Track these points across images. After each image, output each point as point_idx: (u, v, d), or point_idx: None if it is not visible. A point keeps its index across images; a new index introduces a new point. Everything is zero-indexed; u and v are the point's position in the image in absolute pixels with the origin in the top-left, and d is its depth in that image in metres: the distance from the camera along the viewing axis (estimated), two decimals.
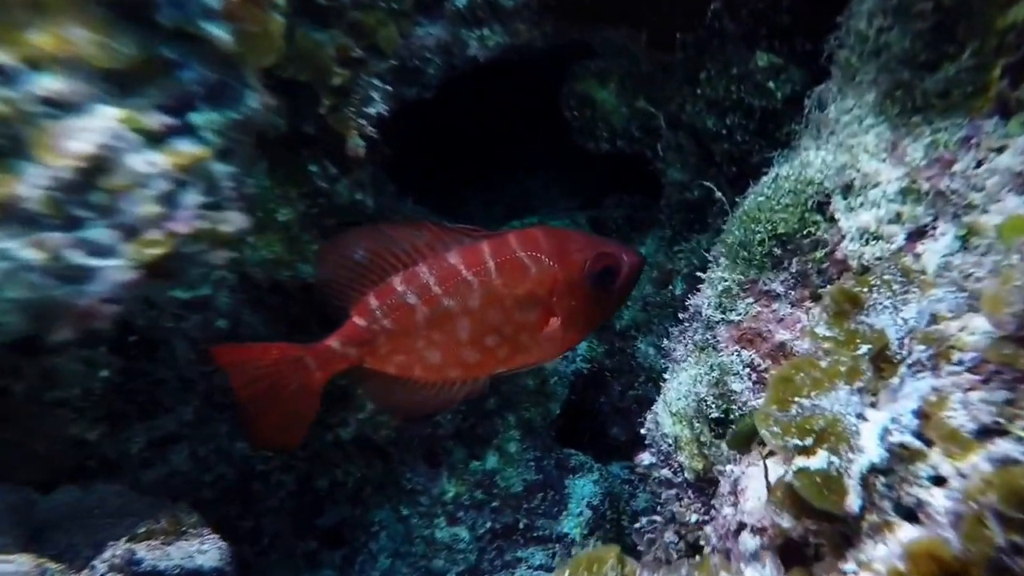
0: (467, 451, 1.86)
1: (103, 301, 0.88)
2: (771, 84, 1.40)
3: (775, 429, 0.73)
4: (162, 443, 1.91)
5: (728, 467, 1.00)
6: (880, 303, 0.83)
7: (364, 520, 2.06)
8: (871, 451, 0.68)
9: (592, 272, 1.38)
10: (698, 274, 1.67)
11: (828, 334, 0.81)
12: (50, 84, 0.83)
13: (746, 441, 1.03)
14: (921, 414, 0.67)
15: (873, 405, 0.75)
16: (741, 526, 0.88)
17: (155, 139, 0.88)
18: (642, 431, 1.30)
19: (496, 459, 1.84)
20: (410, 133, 1.68)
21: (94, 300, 0.87)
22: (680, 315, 1.30)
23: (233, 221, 0.96)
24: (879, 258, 0.93)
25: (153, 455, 1.82)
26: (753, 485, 0.91)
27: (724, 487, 0.97)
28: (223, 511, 2.04)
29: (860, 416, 0.72)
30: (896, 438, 0.67)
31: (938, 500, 0.62)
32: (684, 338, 1.25)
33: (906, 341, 0.78)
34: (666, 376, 1.29)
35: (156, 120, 0.88)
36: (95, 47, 0.83)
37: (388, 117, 1.45)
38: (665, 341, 1.32)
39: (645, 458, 1.27)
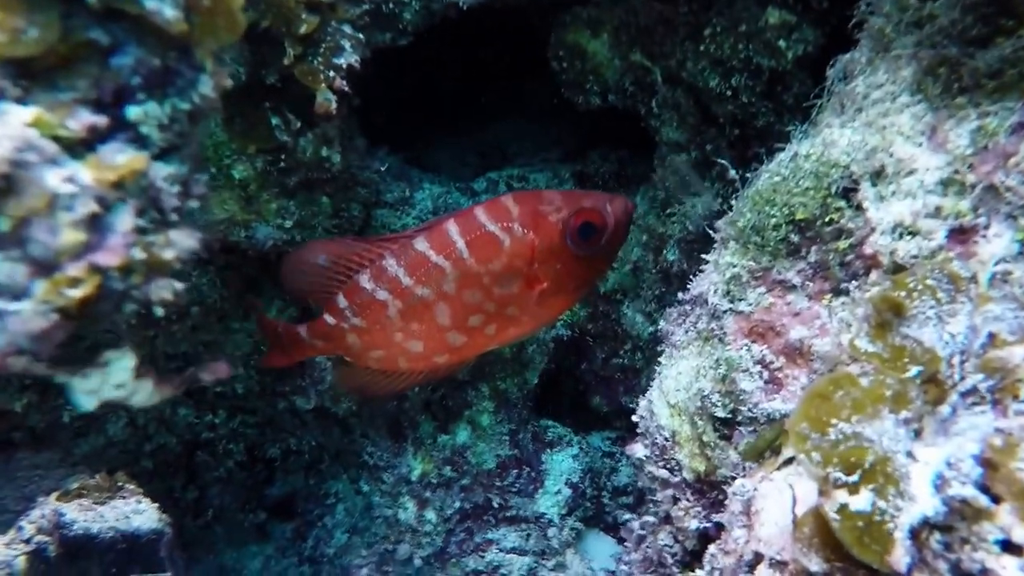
0: (436, 424, 1.79)
1: (11, 352, 0.71)
2: (782, 43, 1.31)
3: (815, 456, 0.67)
4: (97, 412, 1.85)
5: (738, 481, 0.94)
6: (923, 313, 0.77)
7: (318, 491, 2.03)
8: (924, 501, 0.62)
9: (573, 232, 1.32)
10: (690, 241, 1.64)
11: (871, 349, 0.74)
12: None
13: (762, 453, 0.98)
14: (985, 462, 0.61)
15: (918, 434, 0.70)
16: (757, 557, 0.83)
17: (78, 146, 0.72)
18: (633, 418, 1.24)
19: (467, 433, 1.78)
20: (380, 75, 1.57)
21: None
22: (680, 295, 1.23)
23: (178, 243, 0.79)
24: (915, 256, 0.86)
25: (87, 425, 1.75)
26: (770, 508, 0.85)
27: (735, 505, 0.92)
28: (165, 483, 1.99)
29: (910, 454, 0.66)
30: (956, 490, 0.61)
31: (1010, 571, 0.56)
32: (684, 323, 1.18)
33: (955, 361, 0.72)
34: (661, 360, 1.23)
35: (79, 121, 0.71)
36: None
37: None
38: (662, 323, 1.25)
39: (637, 450, 1.22)
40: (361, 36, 1.29)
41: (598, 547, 1.97)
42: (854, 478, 0.65)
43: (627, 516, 1.99)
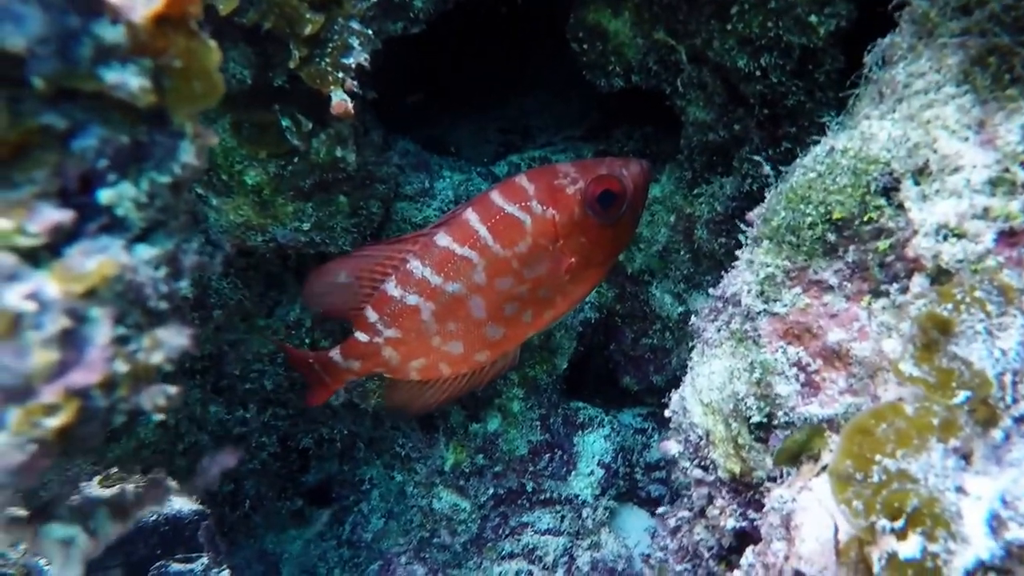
0: (466, 413, 1.78)
1: None
2: (813, 18, 1.25)
3: (858, 505, 0.64)
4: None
5: (776, 492, 0.91)
6: (972, 327, 0.73)
7: (353, 478, 2.03)
8: (979, 543, 0.59)
9: (592, 201, 1.29)
10: (720, 222, 1.60)
11: (916, 373, 0.71)
12: None
13: (795, 456, 0.95)
14: None
15: (967, 459, 0.67)
16: (798, 575, 0.80)
17: (42, 251, 0.64)
18: (666, 413, 1.22)
19: (498, 421, 1.77)
20: (395, 55, 1.52)
21: None
22: (711, 290, 1.19)
23: (166, 343, 0.71)
24: (961, 260, 0.82)
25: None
26: (809, 523, 0.83)
27: (773, 518, 0.89)
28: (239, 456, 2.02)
29: (960, 489, 0.63)
30: (1013, 533, 0.58)
31: None
32: (717, 320, 1.15)
33: (1007, 381, 0.68)
34: (693, 356, 1.20)
35: (40, 223, 0.63)
36: None
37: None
38: (693, 318, 1.22)
39: (671, 447, 1.19)
40: (370, 32, 1.23)
41: (632, 521, 1.97)
42: (900, 524, 0.62)
43: (661, 491, 1.99)
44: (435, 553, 1.82)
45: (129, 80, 0.63)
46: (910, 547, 0.61)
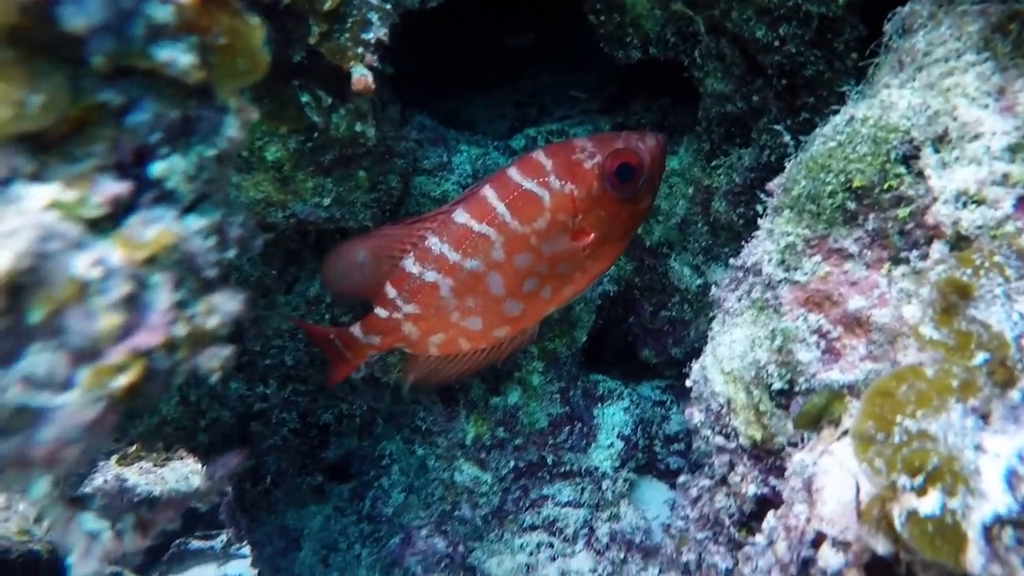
0: (486, 387, 1.81)
1: (61, 447, 0.68)
2: None
3: (879, 464, 0.67)
4: None
5: (797, 456, 0.94)
6: (991, 292, 0.75)
7: (373, 453, 2.06)
8: (996, 498, 0.62)
9: (610, 175, 1.31)
10: (738, 194, 1.61)
11: (936, 336, 0.73)
12: None
13: (815, 420, 0.98)
14: None
15: (985, 419, 0.69)
16: (820, 536, 0.83)
17: (104, 222, 0.68)
18: (687, 383, 1.25)
19: (518, 394, 1.80)
20: (410, 31, 1.54)
21: (50, 447, 0.68)
22: (731, 260, 1.22)
23: (222, 308, 0.76)
24: (980, 227, 0.84)
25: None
26: (831, 485, 0.85)
27: (795, 481, 0.92)
28: (223, 454, 2.05)
29: (978, 447, 0.66)
30: None
31: None
32: (737, 290, 1.17)
33: None
34: (714, 327, 1.23)
35: (101, 194, 0.67)
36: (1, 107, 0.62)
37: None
38: (713, 288, 1.24)
39: (694, 415, 1.22)
40: (388, 6, 1.25)
41: (652, 494, 2.00)
42: (920, 481, 0.65)
43: (680, 464, 2.03)
44: (456, 526, 1.86)
45: (179, 57, 0.66)
46: (930, 503, 0.64)
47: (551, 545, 1.85)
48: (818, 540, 0.84)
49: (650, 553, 1.81)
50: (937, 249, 0.88)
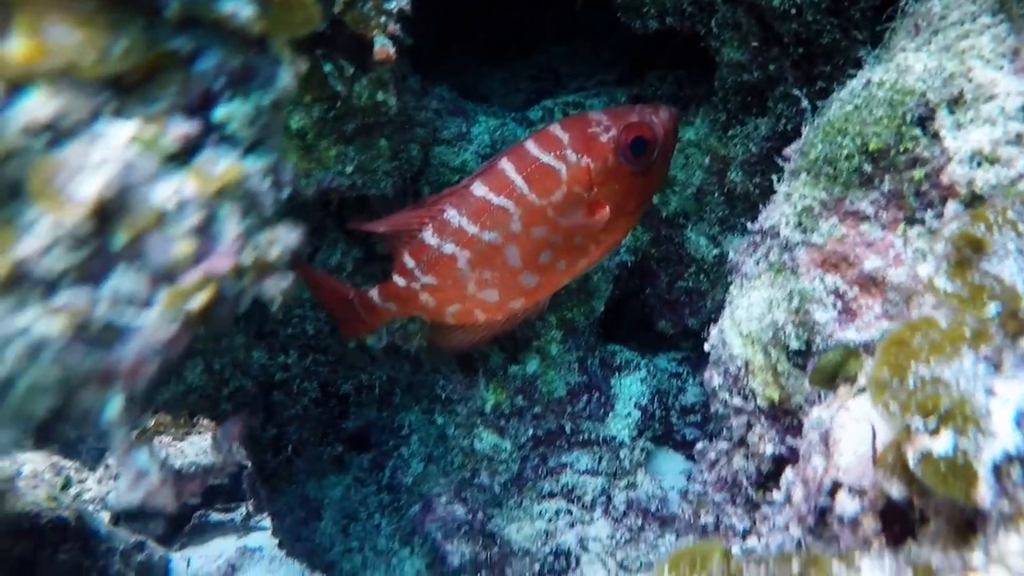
0: (505, 356, 1.85)
1: (142, 362, 0.76)
2: None
3: (894, 407, 0.70)
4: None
5: (815, 411, 0.98)
6: (1004, 247, 0.78)
7: (392, 423, 2.11)
8: (1005, 437, 0.65)
9: (624, 149, 1.34)
10: (754, 163, 1.64)
11: (950, 288, 0.76)
12: (39, 107, 0.68)
13: (831, 377, 1.01)
14: None
15: (996, 366, 0.73)
16: (836, 485, 0.87)
17: (177, 157, 0.75)
18: (705, 347, 1.28)
19: (537, 363, 1.84)
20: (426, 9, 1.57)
21: (131, 363, 0.75)
22: (748, 224, 1.25)
23: (282, 240, 0.83)
24: (994, 186, 0.87)
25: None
26: (847, 438, 0.89)
27: (812, 435, 0.96)
28: (247, 423, 2.10)
29: (989, 391, 0.69)
30: None
31: None
32: (755, 253, 1.21)
33: None
34: (732, 291, 1.26)
35: (174, 132, 0.74)
36: (87, 51, 0.68)
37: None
38: (731, 253, 1.27)
39: (713, 378, 1.26)
40: None
41: (668, 464, 2.04)
42: (933, 423, 0.69)
43: (696, 435, 2.06)
44: (475, 493, 1.91)
45: (242, 9, 0.72)
46: (942, 443, 0.67)
47: (569, 512, 1.89)
48: (834, 489, 0.88)
49: (667, 521, 1.86)
50: (952, 208, 0.91)
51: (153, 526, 3.13)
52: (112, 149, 0.70)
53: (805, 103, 1.11)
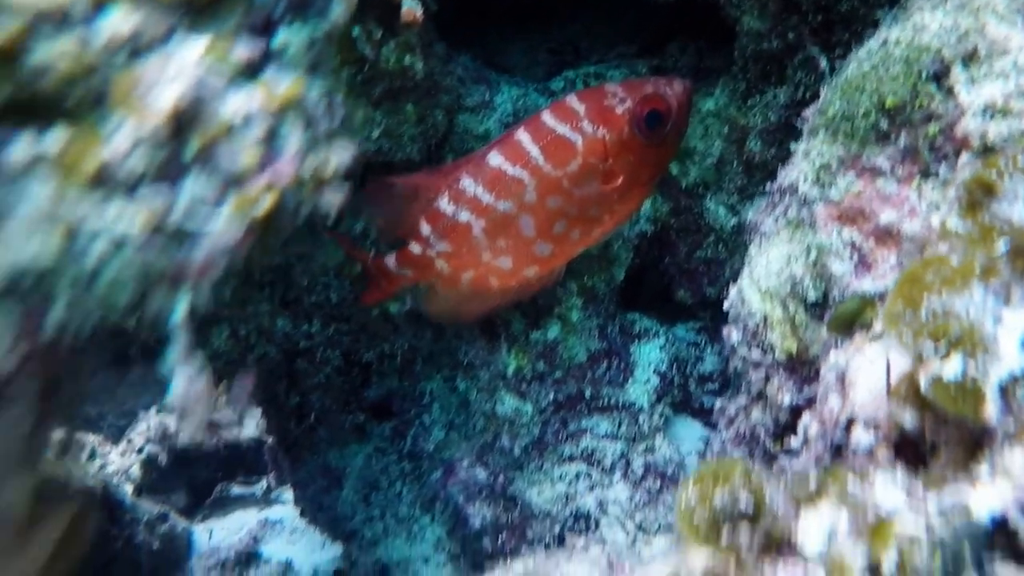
0: (527, 322, 1.90)
1: (210, 263, 0.84)
2: None
3: (907, 336, 0.75)
4: (201, 325, 2.02)
5: (831, 355, 1.03)
6: (1013, 191, 0.83)
7: (413, 392, 2.16)
8: (1011, 359, 0.70)
9: (639, 121, 1.38)
10: (773, 132, 1.68)
11: (961, 228, 0.81)
12: (121, 24, 0.76)
13: (848, 324, 1.06)
14: None
15: (1005, 299, 0.77)
16: (851, 421, 0.92)
17: (245, 73, 0.83)
18: (724, 306, 1.33)
19: (558, 329, 1.89)
20: None
21: (200, 264, 0.83)
22: (768, 185, 1.29)
23: (338, 155, 0.91)
24: (1006, 138, 0.92)
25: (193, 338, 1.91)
26: (863, 378, 0.94)
27: (828, 377, 1.01)
28: (269, 390, 2.15)
29: (997, 320, 0.74)
30: None
31: None
32: (774, 212, 1.26)
33: None
34: (751, 250, 1.31)
35: (242, 50, 0.82)
36: None
37: None
38: (750, 214, 1.32)
39: (732, 335, 1.31)
40: None
41: (686, 431, 2.09)
42: (944, 348, 0.74)
43: (714, 403, 2.11)
44: (496, 457, 1.96)
45: None
46: (952, 367, 0.72)
47: (589, 476, 1.95)
48: (849, 425, 0.93)
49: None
50: (965, 159, 0.96)
51: (175, 499, 3.20)
52: (186, 64, 0.78)
53: (824, 64, 1.16)
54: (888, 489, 0.71)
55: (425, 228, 1.48)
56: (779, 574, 0.66)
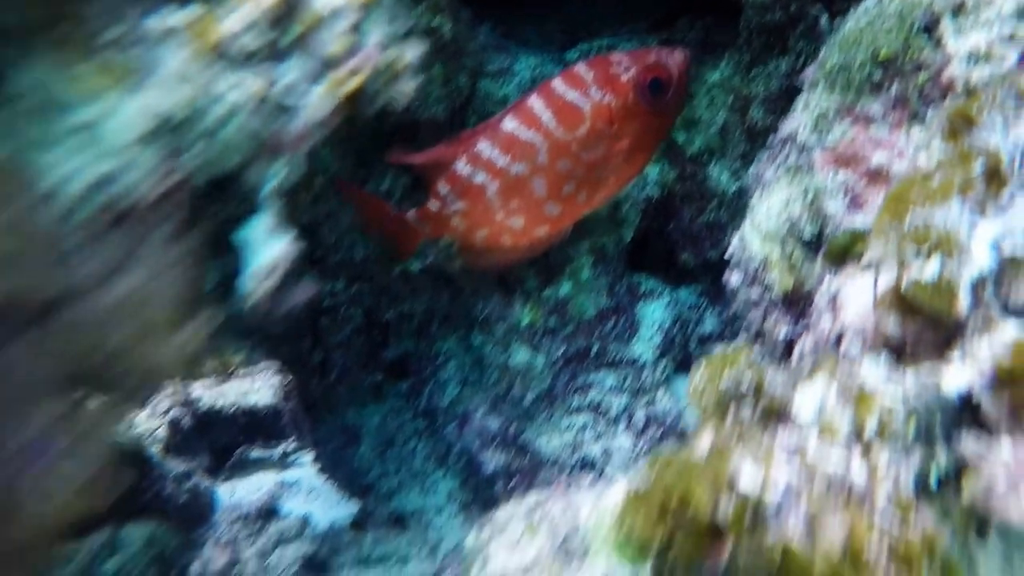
0: (540, 279, 1.98)
1: (304, 135, 1.00)
2: None
3: (892, 239, 0.83)
4: (231, 279, 2.09)
5: (824, 283, 1.10)
6: (992, 122, 0.91)
7: (429, 352, 2.23)
8: (982, 260, 0.78)
9: (642, 89, 1.46)
10: (775, 99, 1.76)
11: (943, 151, 0.89)
12: None
13: (842, 254, 1.13)
14: None
15: (981, 213, 0.85)
16: (841, 335, 1.00)
17: None
18: (726, 255, 1.40)
19: (570, 286, 1.97)
20: None
21: (295, 135, 0.99)
22: (771, 140, 1.37)
23: (411, 51, 1.06)
24: (987, 80, 0.99)
25: (224, 292, 1.98)
26: (852, 298, 1.01)
27: (821, 301, 1.08)
28: (295, 346, 2.22)
29: (972, 228, 0.81)
30: (1008, 250, 0.77)
31: None
32: (775, 161, 1.33)
33: (1017, 158, 0.86)
34: (753, 200, 1.38)
35: None
36: None
37: None
38: (752, 168, 1.39)
39: (733, 278, 1.38)
40: None
41: (686, 387, 2.16)
42: (925, 251, 0.81)
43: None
44: (509, 407, 2.04)
45: None
46: (931, 268, 0.80)
47: (595, 426, 2.02)
48: (839, 339, 1.00)
49: (684, 434, 1.98)
50: (949, 101, 1.03)
51: (199, 460, 3.28)
52: None
53: (823, 22, 1.23)
54: (872, 369, 0.79)
55: (443, 188, 1.57)
56: (777, 438, 0.73)
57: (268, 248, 1.03)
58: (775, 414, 0.76)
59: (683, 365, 2.14)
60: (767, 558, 0.67)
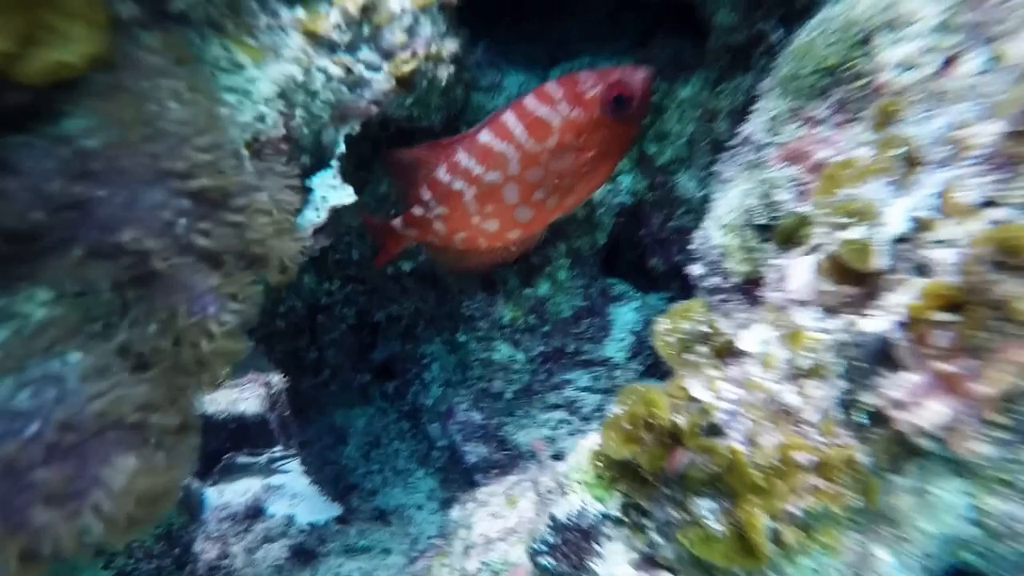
0: (521, 279, 2.10)
1: (370, 106, 1.33)
2: None
3: (826, 210, 0.96)
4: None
5: (775, 261, 1.23)
6: (914, 116, 1.04)
7: (414, 354, 2.33)
8: (898, 224, 0.91)
9: (607, 104, 1.59)
10: (739, 112, 1.90)
11: (869, 140, 1.03)
12: None
13: (788, 237, 1.26)
14: (939, 196, 0.90)
15: (898, 190, 0.98)
16: (787, 303, 1.12)
17: None
18: (690, 247, 1.53)
19: (548, 286, 2.09)
20: None
21: (368, 102, 1.33)
22: (732, 143, 1.50)
23: (450, 45, 1.41)
24: (911, 84, 1.13)
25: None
26: (797, 273, 1.14)
27: (771, 277, 1.21)
28: (293, 343, 2.31)
29: (891, 200, 0.95)
30: (918, 213, 0.90)
31: (947, 256, 0.85)
32: (734, 161, 1.46)
33: (930, 144, 1.00)
34: (715, 196, 1.51)
35: None
36: None
37: None
38: (714, 167, 1.53)
39: (695, 269, 1.51)
40: None
41: None
42: (853, 219, 0.95)
43: None
44: (490, 402, 2.14)
45: None
46: (856, 232, 0.93)
47: (570, 422, 2.13)
48: (786, 307, 1.13)
49: None
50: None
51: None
52: None
53: (778, 35, 1.38)
54: (805, 316, 0.92)
55: (426, 194, 1.70)
56: (727, 369, 0.85)
57: (334, 194, 1.23)
58: (726, 351, 0.88)
59: (652, 368, 2.26)
60: (716, 461, 0.78)
